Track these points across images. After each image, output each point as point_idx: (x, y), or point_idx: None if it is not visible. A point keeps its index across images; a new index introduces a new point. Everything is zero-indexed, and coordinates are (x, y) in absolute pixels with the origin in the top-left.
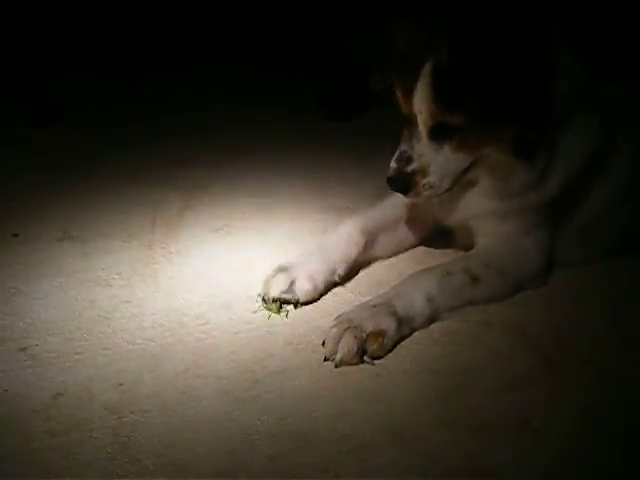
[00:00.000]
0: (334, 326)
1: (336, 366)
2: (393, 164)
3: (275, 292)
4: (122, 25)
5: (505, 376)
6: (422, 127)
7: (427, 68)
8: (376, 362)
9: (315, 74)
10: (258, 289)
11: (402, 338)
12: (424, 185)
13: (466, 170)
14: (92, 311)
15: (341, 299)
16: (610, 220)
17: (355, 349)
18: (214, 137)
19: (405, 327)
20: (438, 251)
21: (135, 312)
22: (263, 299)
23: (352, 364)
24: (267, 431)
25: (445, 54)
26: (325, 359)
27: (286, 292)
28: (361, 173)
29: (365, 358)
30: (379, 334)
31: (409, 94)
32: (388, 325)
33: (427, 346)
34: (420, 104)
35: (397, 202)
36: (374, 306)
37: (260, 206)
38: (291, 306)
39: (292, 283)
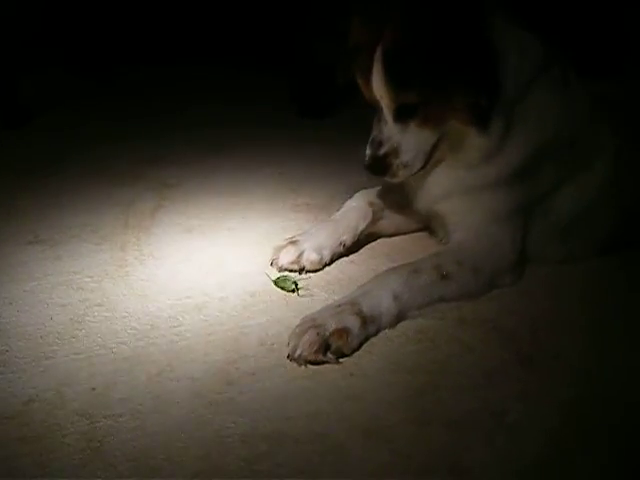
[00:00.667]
0: (298, 325)
1: (298, 363)
2: (367, 150)
3: (284, 261)
4: (95, 23)
5: (479, 372)
6: (386, 110)
7: (378, 53)
8: (350, 361)
9: (288, 72)
10: (232, 288)
11: (368, 337)
12: (398, 165)
13: (435, 146)
14: (63, 315)
15: (316, 299)
16: (594, 219)
17: (317, 346)
18: (186, 136)
19: (371, 326)
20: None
21: (107, 315)
22: (274, 282)
23: (315, 362)
24: (241, 433)
25: (392, 37)
26: (288, 356)
27: (293, 262)
28: (335, 170)
29: (328, 355)
30: (343, 331)
31: (368, 81)
32: (352, 324)
33: (401, 344)
34: (378, 89)
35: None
36: (339, 305)
37: (234, 205)
38: (303, 285)
39: (300, 254)
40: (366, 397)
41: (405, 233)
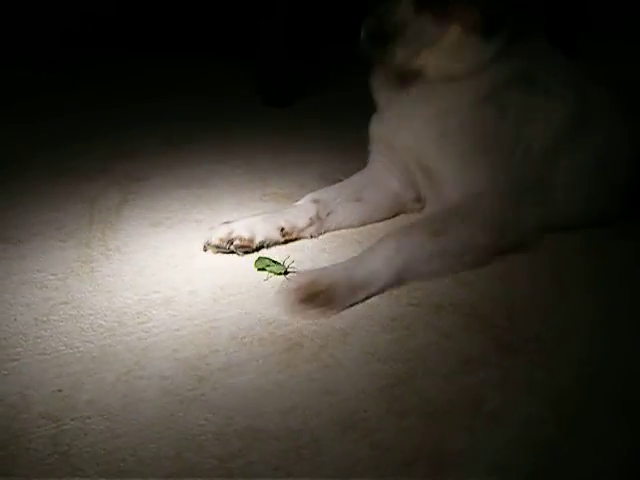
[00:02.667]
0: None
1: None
2: (369, 23)
3: (213, 238)
4: (55, 19)
5: (457, 359)
6: None
7: None
8: (324, 352)
9: (252, 60)
10: (201, 281)
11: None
12: (399, 42)
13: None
14: (28, 315)
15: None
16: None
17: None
18: (151, 129)
19: (360, 292)
20: None
21: (73, 314)
22: (259, 268)
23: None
24: (214, 431)
25: None
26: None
27: (222, 239)
28: (302, 159)
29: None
30: (332, 291)
31: None
32: (343, 286)
33: (376, 332)
34: None
35: (357, 179)
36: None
37: (201, 197)
38: (293, 269)
39: (231, 232)
40: (342, 389)
41: (373, 222)
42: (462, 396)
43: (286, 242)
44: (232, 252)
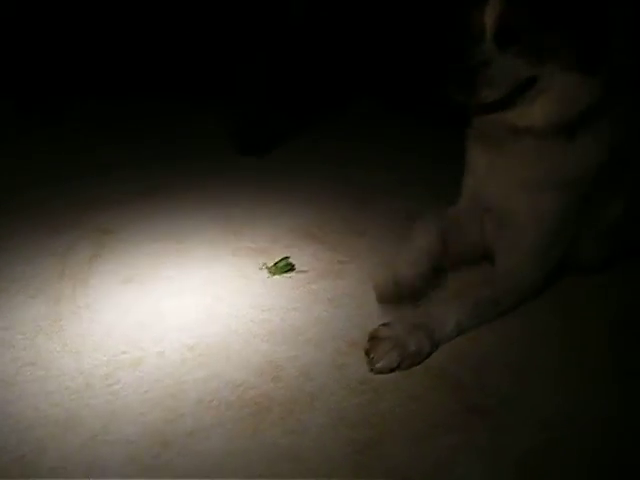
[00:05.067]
0: (380, 337)
1: (375, 372)
2: (450, 65)
3: None
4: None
5: (424, 423)
6: (489, 31)
7: None
8: (292, 418)
9: (228, 108)
10: (169, 341)
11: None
12: (483, 82)
13: (526, 85)
14: None
15: (256, 349)
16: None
17: (395, 363)
18: (123, 176)
19: (434, 348)
20: None
21: (40, 375)
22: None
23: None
24: None
25: None
26: (370, 368)
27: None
28: (276, 212)
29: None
30: (418, 354)
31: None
32: (425, 346)
33: (344, 396)
34: (490, 9)
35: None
36: (414, 326)
37: (172, 252)
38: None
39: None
40: (307, 456)
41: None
42: (429, 462)
43: None
44: None
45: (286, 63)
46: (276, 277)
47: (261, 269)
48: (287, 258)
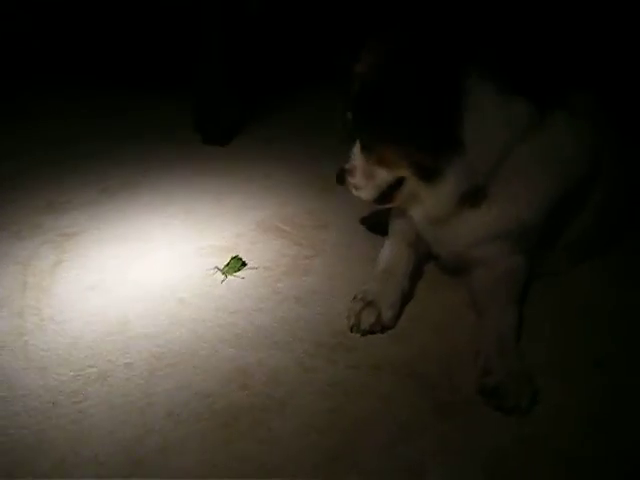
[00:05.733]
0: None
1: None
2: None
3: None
4: None
5: (396, 425)
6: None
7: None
8: (262, 426)
9: (189, 97)
10: (137, 351)
11: None
12: (352, 185)
13: (396, 186)
14: None
15: (221, 354)
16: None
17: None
18: (82, 174)
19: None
20: None
21: (4, 395)
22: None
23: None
24: None
25: (361, 79)
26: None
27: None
28: (239, 205)
29: None
30: None
31: None
32: None
33: (313, 401)
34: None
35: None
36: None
37: (136, 253)
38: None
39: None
40: (278, 466)
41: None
42: (402, 467)
43: None
44: None
45: (245, 52)
46: (230, 277)
47: (214, 273)
48: (237, 256)
